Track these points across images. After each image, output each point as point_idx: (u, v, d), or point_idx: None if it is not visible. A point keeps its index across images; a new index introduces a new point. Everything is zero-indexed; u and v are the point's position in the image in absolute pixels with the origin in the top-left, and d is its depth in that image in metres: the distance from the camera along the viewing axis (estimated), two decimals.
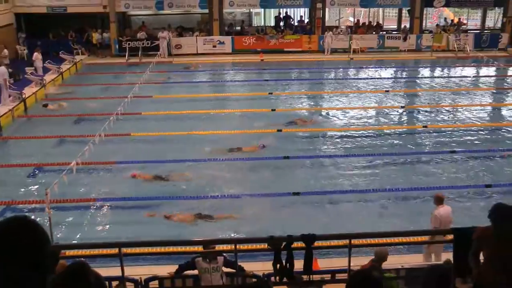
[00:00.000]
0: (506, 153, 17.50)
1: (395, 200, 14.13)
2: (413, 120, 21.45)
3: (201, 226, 12.75)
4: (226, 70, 31.68)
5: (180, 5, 35.75)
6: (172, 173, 15.56)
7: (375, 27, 38.72)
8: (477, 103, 24.32)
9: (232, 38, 35.47)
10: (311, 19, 37.70)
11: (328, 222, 12.75)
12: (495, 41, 37.08)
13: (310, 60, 33.69)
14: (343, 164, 16.56)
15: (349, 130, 19.79)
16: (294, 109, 22.71)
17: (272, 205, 13.78)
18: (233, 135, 19.10)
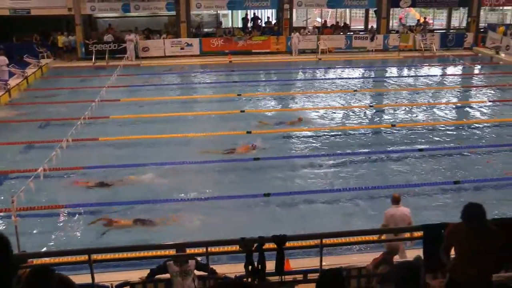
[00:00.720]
0: (473, 149, 17.74)
1: (365, 199, 14.18)
2: (381, 119, 21.60)
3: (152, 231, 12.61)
4: (194, 72, 31.51)
5: (147, 8, 35.55)
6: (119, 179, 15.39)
7: (342, 28, 38.99)
8: (445, 101, 24.65)
9: (200, 40, 35.41)
10: (278, 20, 37.83)
11: (299, 223, 12.78)
12: (460, 40, 37.75)
13: (278, 61, 33.83)
14: (313, 164, 16.59)
15: (318, 130, 19.83)
16: (263, 110, 22.74)
17: (241, 207, 13.74)
18: (203, 137, 19.02)
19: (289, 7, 36.24)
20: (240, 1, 36.41)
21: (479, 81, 29.47)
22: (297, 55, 35.04)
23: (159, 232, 12.35)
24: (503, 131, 19.95)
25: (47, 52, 33.70)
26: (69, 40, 34.77)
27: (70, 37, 34.89)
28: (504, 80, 27.91)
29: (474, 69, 31.94)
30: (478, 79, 29.96)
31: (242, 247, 6.12)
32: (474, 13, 38.30)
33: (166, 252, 7.80)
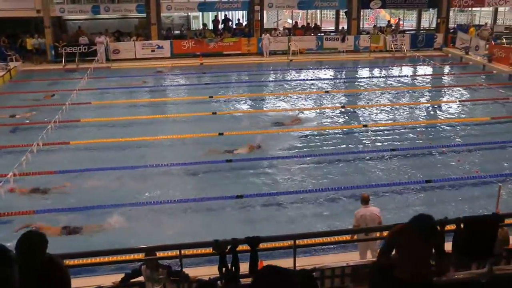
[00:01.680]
0: (445, 149, 17.92)
1: (337, 199, 14.24)
2: (353, 119, 21.68)
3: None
4: (165, 74, 31.30)
5: (117, 10, 35.30)
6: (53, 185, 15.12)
7: (313, 29, 39.14)
8: (415, 102, 24.89)
9: (171, 42, 35.23)
10: (249, 21, 37.80)
11: (272, 224, 12.80)
12: (430, 41, 38.21)
13: (250, 63, 33.86)
14: (285, 165, 16.62)
15: (290, 131, 19.87)
16: (235, 112, 22.73)
17: (214, 209, 13.70)
18: (174, 140, 18.94)
19: (259, 9, 36.26)
20: (211, 3, 36.36)
21: (450, 81, 29.80)
22: (268, 57, 35.07)
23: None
24: (473, 130, 20.23)
25: (15, 55, 33.14)
26: (39, 43, 34.25)
27: (39, 39, 34.36)
28: (473, 80, 28.26)
29: (444, 70, 32.29)
30: (448, 79, 30.29)
31: (215, 249, 6.07)
32: (444, 14, 38.76)
33: (138, 256, 7.71)
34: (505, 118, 21.54)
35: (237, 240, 6.03)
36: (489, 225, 6.56)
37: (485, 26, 39.28)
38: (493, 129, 20.34)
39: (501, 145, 18.38)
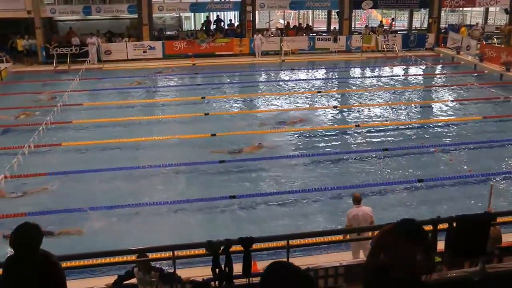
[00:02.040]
0: (437, 148, 17.97)
1: (330, 199, 14.26)
2: (345, 119, 21.69)
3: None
4: (158, 75, 31.21)
5: (108, 10, 35.22)
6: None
7: (305, 29, 39.17)
8: (408, 101, 24.95)
9: (162, 43, 35.16)
10: (241, 22, 37.79)
11: (266, 224, 12.81)
12: (422, 41, 38.34)
13: (242, 63, 33.85)
14: (277, 165, 16.62)
15: (283, 132, 19.87)
16: (228, 113, 22.71)
17: (207, 209, 13.69)
18: (167, 140, 18.92)
19: (251, 9, 36.29)
20: (203, 4, 36.36)
21: (441, 81, 29.89)
22: (260, 57, 35.08)
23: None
24: (465, 130, 20.28)
25: (6, 56, 32.97)
26: (29, 44, 34.12)
27: (30, 40, 34.22)
28: (465, 79, 28.37)
29: (436, 69, 32.39)
30: (440, 79, 30.38)
31: (208, 250, 6.05)
32: (435, 14, 38.91)
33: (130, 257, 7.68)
34: (497, 117, 21.66)
35: (230, 240, 6.02)
36: (481, 224, 6.58)
37: (476, 26, 39.50)
38: (485, 128, 20.41)
39: (492, 144, 18.45)
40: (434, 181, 15.21)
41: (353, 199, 10.83)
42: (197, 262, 9.31)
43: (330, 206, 13.86)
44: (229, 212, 13.66)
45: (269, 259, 7.58)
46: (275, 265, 3.40)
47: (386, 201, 14.02)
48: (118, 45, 34.73)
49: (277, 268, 3.38)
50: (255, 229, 12.11)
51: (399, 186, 14.88)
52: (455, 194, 14.45)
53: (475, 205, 12.93)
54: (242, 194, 14.23)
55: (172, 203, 14.00)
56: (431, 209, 12.74)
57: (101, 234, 12.32)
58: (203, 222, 13.21)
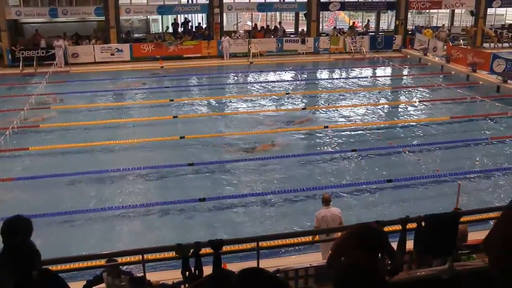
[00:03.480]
0: (405, 148, 18.15)
1: (299, 200, 14.29)
2: (314, 121, 21.75)
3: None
4: (125, 78, 30.93)
5: (75, 12, 34.80)
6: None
7: (273, 31, 39.23)
8: (376, 102, 25.17)
9: (130, 46, 34.84)
10: (209, 24, 37.69)
11: (236, 226, 12.79)
12: (389, 42, 38.67)
13: (210, 66, 33.72)
14: (246, 167, 16.61)
15: (250, 134, 19.84)
16: (196, 115, 22.62)
17: (176, 212, 13.61)
18: (135, 144, 18.79)
19: (219, 11, 36.20)
20: (170, 6, 36.16)
21: (409, 82, 30.19)
22: (228, 59, 35.02)
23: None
24: (433, 130, 20.51)
25: None
26: None
27: None
28: (432, 80, 28.70)
29: (403, 71, 32.70)
30: (408, 80, 30.68)
31: (178, 253, 6.01)
32: (402, 16, 39.30)
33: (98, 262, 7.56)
34: (464, 118, 21.96)
35: (200, 243, 5.98)
36: (449, 222, 6.63)
37: (443, 27, 39.99)
38: (452, 128, 20.69)
39: (460, 144, 18.69)
40: (402, 181, 15.34)
41: (322, 200, 10.85)
42: (167, 265, 9.23)
43: (299, 208, 13.87)
44: (199, 214, 13.60)
45: (239, 261, 7.58)
46: (247, 272, 3.35)
47: (355, 201, 14.11)
48: (85, 47, 34.29)
49: (250, 274, 3.33)
50: (225, 232, 12.08)
51: (368, 187, 14.97)
52: (424, 194, 14.61)
53: (444, 204, 13.05)
54: (211, 197, 14.20)
55: (141, 206, 13.94)
56: (400, 209, 12.85)
57: (67, 239, 12.17)
58: (172, 225, 13.12)
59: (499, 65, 27.68)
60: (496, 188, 15.09)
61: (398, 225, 6.50)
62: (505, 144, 18.95)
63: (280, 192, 14.61)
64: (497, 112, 22.29)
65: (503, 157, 17.82)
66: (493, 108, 22.78)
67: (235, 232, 12.09)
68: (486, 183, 15.55)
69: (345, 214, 10.74)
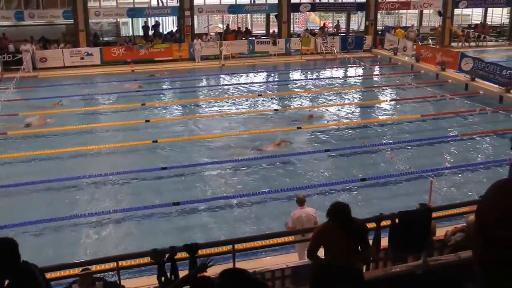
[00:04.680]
0: (378, 147, 18.27)
1: (273, 201, 14.30)
2: (287, 122, 21.75)
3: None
4: (95, 82, 30.61)
5: (42, 16, 34.27)
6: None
7: (244, 33, 39.22)
8: (348, 102, 25.31)
9: (100, 49, 34.48)
10: (180, 27, 37.53)
11: (211, 229, 12.76)
12: (360, 43, 38.94)
13: (182, 68, 33.53)
14: (219, 170, 16.58)
15: (223, 137, 19.81)
16: (169, 119, 22.51)
17: (151, 216, 13.52)
18: (109, 148, 18.63)
19: (190, 14, 36.06)
20: (140, 9, 35.96)
21: (380, 81, 30.41)
22: (200, 62, 34.89)
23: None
24: (405, 128, 20.73)
25: None
26: None
27: None
28: (403, 79, 28.98)
29: (374, 70, 32.94)
30: (378, 80, 30.92)
31: (153, 259, 5.98)
32: (372, 16, 39.61)
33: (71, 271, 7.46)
34: (434, 115, 22.23)
35: (175, 248, 5.95)
36: (422, 219, 6.70)
37: (412, 27, 40.39)
38: (423, 126, 20.95)
39: (431, 141, 18.93)
40: (376, 179, 15.47)
41: (297, 200, 10.87)
42: (143, 271, 9.16)
43: (274, 209, 13.88)
44: (173, 219, 13.53)
45: (215, 265, 7.54)
46: (229, 272, 3.36)
47: (329, 201, 14.06)
48: (54, 52, 33.79)
49: (231, 275, 3.34)
50: (200, 235, 12.04)
51: (342, 186, 15.06)
52: (397, 191, 14.74)
53: (417, 201, 13.16)
54: (185, 200, 14.13)
55: (115, 212, 13.81)
56: (374, 207, 12.91)
57: (37, 248, 11.99)
58: (147, 230, 13.04)
59: (467, 64, 28.09)
60: (468, 184, 15.28)
61: (373, 223, 6.54)
62: (475, 141, 19.26)
63: (255, 194, 14.61)
64: (466, 110, 22.59)
65: (473, 153, 18.10)
66: (462, 106, 23.08)
67: (210, 235, 12.05)
68: (458, 179, 15.76)
69: (319, 214, 10.74)
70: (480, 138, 19.52)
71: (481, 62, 27.29)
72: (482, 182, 14.92)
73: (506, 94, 24.45)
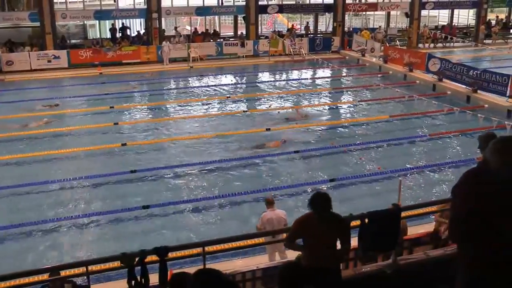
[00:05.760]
0: (346, 148, 18.39)
1: (243, 204, 14.31)
2: (256, 123, 21.75)
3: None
4: (63, 85, 30.25)
5: (7, 18, 33.78)
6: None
7: (212, 35, 39.15)
8: (316, 103, 25.43)
9: (68, 52, 34.04)
10: (147, 29, 37.32)
11: (181, 232, 12.71)
12: (328, 44, 39.16)
13: (150, 71, 33.28)
14: (188, 173, 16.52)
15: (193, 139, 19.75)
16: (138, 121, 22.36)
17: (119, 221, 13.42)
18: (76, 152, 18.41)
19: (157, 16, 35.87)
20: (108, 11, 35.66)
21: (348, 82, 30.65)
22: (168, 64, 34.71)
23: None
24: (373, 129, 20.88)
25: None
26: None
27: None
28: (371, 80, 29.20)
29: (342, 72, 33.14)
30: (347, 81, 31.14)
31: (123, 262, 5.92)
32: (339, 18, 39.88)
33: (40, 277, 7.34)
34: (402, 116, 22.46)
35: (145, 251, 5.91)
36: (392, 218, 6.75)
37: (379, 29, 40.79)
38: (392, 126, 21.16)
39: (399, 141, 19.15)
40: (345, 180, 15.57)
41: (266, 202, 10.88)
42: (113, 275, 9.07)
43: (244, 211, 13.90)
44: (143, 222, 13.44)
45: (186, 267, 7.50)
46: (203, 272, 3.37)
47: (299, 203, 14.17)
48: (20, 55, 33.29)
49: (205, 275, 3.35)
50: (170, 238, 11.98)
51: (312, 187, 15.08)
52: (366, 191, 14.87)
53: (386, 200, 13.28)
54: (155, 204, 14.06)
55: (84, 216, 13.66)
56: (344, 207, 12.95)
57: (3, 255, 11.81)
58: (116, 234, 12.94)
59: (434, 65, 28.46)
60: (436, 183, 15.46)
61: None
62: (443, 140, 19.52)
63: (224, 196, 14.59)
64: (434, 110, 22.88)
65: (441, 153, 18.34)
66: (430, 106, 23.36)
67: (180, 238, 12.01)
68: (427, 178, 15.94)
69: (290, 216, 10.77)
70: (448, 138, 19.79)
71: (448, 63, 27.67)
72: (451, 181, 15.08)
73: (473, 94, 24.84)
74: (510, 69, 26.12)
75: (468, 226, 3.68)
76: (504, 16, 47.54)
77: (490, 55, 38.30)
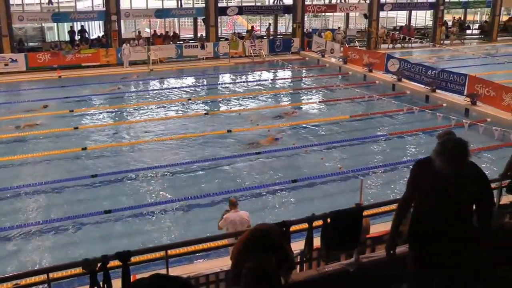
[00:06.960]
0: (307, 149, 18.51)
1: (205, 206, 14.27)
2: (217, 125, 21.72)
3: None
4: (21, 90, 29.72)
5: None
6: None
7: (172, 37, 38.97)
8: (277, 104, 25.51)
9: (25, 55, 33.46)
10: (106, 32, 36.94)
11: (143, 236, 12.63)
12: (288, 45, 39.33)
13: (110, 74, 32.87)
14: (151, 176, 16.42)
15: (153, 142, 19.65)
16: (98, 125, 22.11)
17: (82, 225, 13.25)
18: (34, 158, 18.12)
19: (116, 19, 35.54)
20: (66, 13, 35.15)
21: (309, 83, 30.81)
22: (128, 67, 34.40)
23: None
24: (334, 129, 21.06)
25: None
26: None
27: None
28: (331, 81, 29.46)
29: (303, 73, 33.31)
30: (307, 82, 31.31)
31: (85, 268, 5.84)
32: (299, 19, 40.08)
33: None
34: (363, 116, 22.71)
35: (107, 256, 5.85)
36: (353, 217, 6.82)
37: (338, 30, 41.14)
38: (353, 126, 21.35)
39: (360, 141, 19.37)
40: (307, 180, 15.66)
41: (229, 204, 10.88)
42: (75, 282, 8.96)
43: (207, 213, 13.85)
44: (105, 227, 13.31)
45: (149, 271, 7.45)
46: (155, 276, 3.38)
47: (261, 204, 14.25)
48: None
49: (157, 278, 3.37)
50: (132, 242, 11.88)
51: (274, 188, 15.17)
52: (328, 191, 14.98)
53: (348, 200, 13.41)
54: (117, 208, 13.91)
55: (44, 222, 13.44)
56: (306, 207, 13.06)
57: None
58: (78, 240, 12.77)
59: (393, 65, 28.88)
60: (398, 181, 15.65)
61: (305, 223, 6.61)
62: (403, 139, 19.80)
63: (186, 199, 14.54)
64: (394, 109, 23.16)
65: (402, 151, 18.60)
66: (390, 106, 23.62)
67: (143, 242, 11.92)
68: (388, 177, 16.14)
69: (253, 217, 10.82)
70: (408, 137, 20.08)
71: (407, 63, 28.07)
72: None
73: (432, 93, 25.26)
74: (467, 69, 26.67)
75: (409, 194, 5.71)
76: (458, 17, 48.47)
77: (448, 55, 39.03)
